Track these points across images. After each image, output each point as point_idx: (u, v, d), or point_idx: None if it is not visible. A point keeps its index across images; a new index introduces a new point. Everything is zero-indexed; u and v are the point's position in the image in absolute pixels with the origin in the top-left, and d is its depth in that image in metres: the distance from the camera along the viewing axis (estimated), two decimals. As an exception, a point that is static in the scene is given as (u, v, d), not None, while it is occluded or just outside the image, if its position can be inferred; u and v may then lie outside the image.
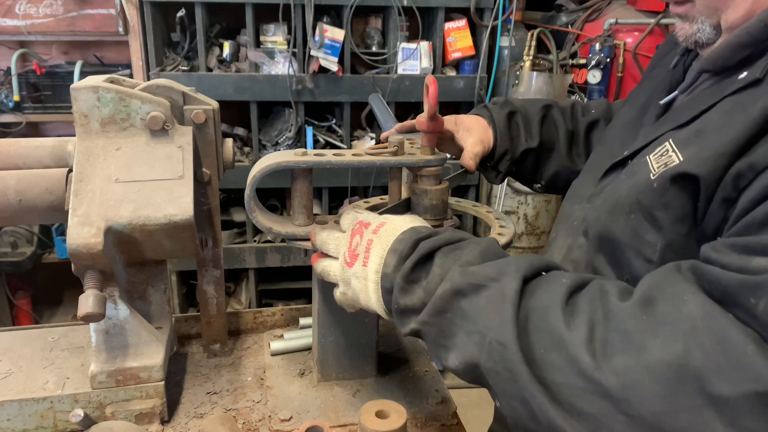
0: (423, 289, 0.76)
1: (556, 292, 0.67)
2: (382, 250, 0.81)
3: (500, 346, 0.66)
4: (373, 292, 0.82)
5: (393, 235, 0.82)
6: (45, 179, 1.01)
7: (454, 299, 0.72)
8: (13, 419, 1.00)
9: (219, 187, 1.14)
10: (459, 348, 0.72)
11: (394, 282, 0.78)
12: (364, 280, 0.83)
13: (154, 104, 1.01)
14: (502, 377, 0.67)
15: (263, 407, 1.10)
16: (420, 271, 0.77)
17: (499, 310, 0.68)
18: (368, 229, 0.85)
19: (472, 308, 0.71)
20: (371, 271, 0.81)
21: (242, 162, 3.08)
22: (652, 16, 3.15)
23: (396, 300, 0.78)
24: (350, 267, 0.85)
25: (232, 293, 3.53)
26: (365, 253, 0.83)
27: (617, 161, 0.92)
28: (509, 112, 1.23)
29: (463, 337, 0.71)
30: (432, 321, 0.74)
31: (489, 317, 0.69)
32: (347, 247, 0.86)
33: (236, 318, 1.34)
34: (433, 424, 1.08)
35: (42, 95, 3.08)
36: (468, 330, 0.70)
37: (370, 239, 0.83)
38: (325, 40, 2.88)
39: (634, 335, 0.60)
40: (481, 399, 3.22)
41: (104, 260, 0.94)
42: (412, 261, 0.77)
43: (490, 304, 0.69)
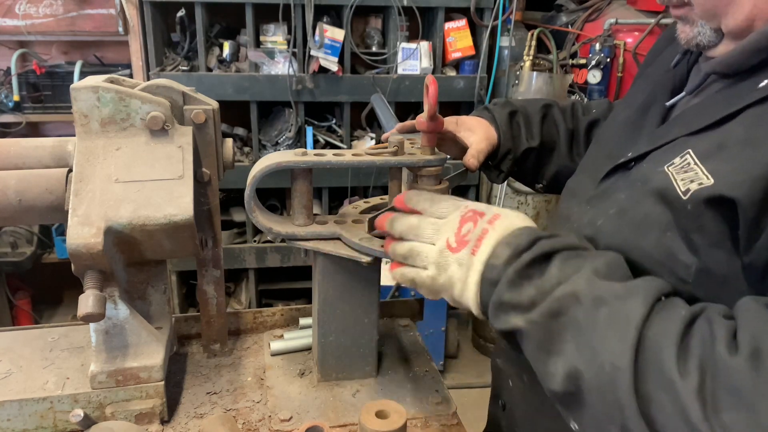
0: (536, 288, 0.73)
1: (673, 327, 0.64)
2: (495, 242, 0.78)
3: (613, 370, 0.63)
4: (474, 283, 0.78)
5: (509, 229, 0.79)
6: (45, 179, 1.01)
7: (572, 306, 0.69)
8: (13, 419, 1.00)
9: (219, 187, 1.14)
10: (566, 356, 0.69)
11: (503, 274, 0.75)
12: (467, 268, 0.79)
13: (154, 104, 1.01)
14: (606, 400, 0.64)
15: (263, 407, 1.10)
16: (535, 269, 0.74)
17: (620, 332, 0.64)
18: (483, 218, 0.81)
19: (588, 322, 0.67)
20: (479, 260, 0.78)
21: (242, 162, 3.08)
22: (652, 16, 3.15)
23: (500, 293, 0.75)
24: (454, 252, 0.81)
25: (232, 293, 3.53)
26: (477, 242, 0.79)
27: (620, 163, 0.89)
28: (510, 112, 1.22)
29: (572, 348, 0.68)
30: (542, 322, 0.71)
31: (607, 337, 0.65)
32: (454, 232, 0.82)
33: (236, 318, 1.34)
34: (433, 424, 1.08)
35: (42, 95, 3.08)
36: (579, 343, 0.68)
37: (486, 228, 0.80)
38: (325, 40, 2.88)
39: (744, 393, 0.58)
40: (481, 399, 3.22)
41: (104, 260, 0.94)
42: (529, 256, 0.74)
43: (612, 323, 0.66)
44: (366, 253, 1.00)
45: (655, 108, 0.93)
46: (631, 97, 1.05)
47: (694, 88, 0.87)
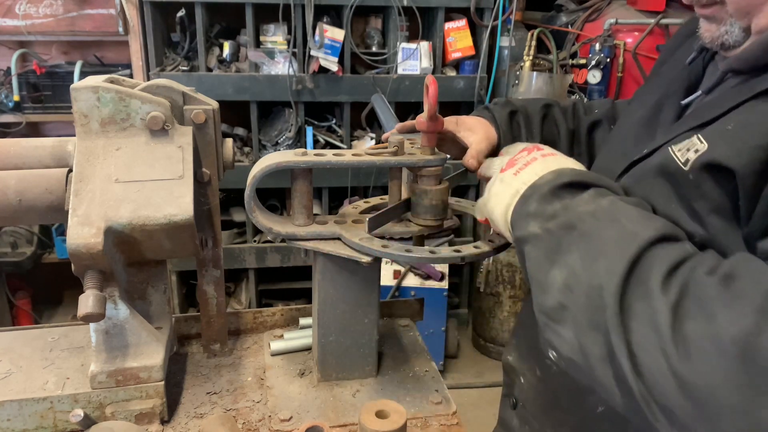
0: (562, 204, 0.76)
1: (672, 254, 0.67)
2: (540, 169, 0.82)
3: (607, 274, 0.67)
4: (508, 197, 0.82)
5: (560, 163, 0.83)
6: (45, 179, 1.01)
7: (588, 220, 0.72)
8: (13, 419, 1.00)
9: (219, 187, 1.14)
10: (567, 265, 0.72)
11: (538, 190, 0.78)
12: (506, 185, 0.83)
13: (154, 104, 1.01)
14: (594, 303, 0.68)
15: (263, 407, 1.10)
16: (568, 191, 0.77)
17: (624, 247, 0.68)
18: (539, 151, 0.86)
19: (598, 235, 0.71)
20: (519, 180, 0.82)
21: (242, 162, 3.08)
22: (652, 16, 3.15)
23: (529, 204, 0.78)
24: (501, 172, 0.86)
25: (232, 293, 3.53)
26: (523, 165, 0.83)
27: (636, 159, 0.90)
28: (511, 111, 1.22)
29: (576, 256, 0.71)
30: (556, 231, 0.74)
31: (611, 247, 0.69)
32: (511, 157, 0.88)
33: (236, 318, 1.34)
34: (433, 424, 1.08)
35: (42, 95, 3.08)
36: (585, 252, 0.71)
37: (535, 157, 0.84)
38: (325, 40, 2.88)
39: (707, 304, 0.61)
40: (480, 399, 3.22)
41: (104, 260, 0.94)
42: (567, 179, 0.77)
43: (619, 237, 0.69)
44: (366, 253, 1.00)
45: (669, 105, 0.94)
46: (645, 96, 1.05)
47: (710, 87, 0.87)
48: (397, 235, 1.09)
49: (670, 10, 3.21)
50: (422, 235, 1.11)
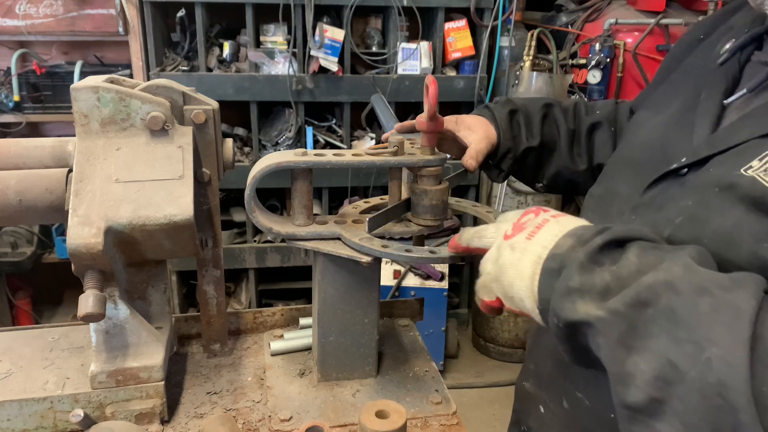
0: (610, 273, 0.63)
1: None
2: (558, 230, 0.69)
3: (725, 366, 0.54)
4: (530, 265, 0.69)
5: (574, 223, 0.71)
6: (45, 179, 1.01)
7: (665, 294, 0.59)
8: (13, 419, 1.00)
9: (219, 187, 1.14)
10: (654, 353, 0.58)
11: (569, 259, 0.65)
12: (521, 252, 0.70)
13: (154, 104, 1.01)
14: (711, 403, 0.54)
15: (263, 407, 1.10)
16: (607, 255, 0.65)
17: (730, 324, 0.55)
18: (547, 212, 0.74)
19: (688, 312, 0.57)
20: (537, 244, 0.69)
21: (242, 162, 3.08)
22: (652, 16, 3.16)
23: (568, 278, 0.65)
24: (508, 239, 0.73)
25: (232, 293, 3.53)
26: (535, 228, 0.71)
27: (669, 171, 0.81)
28: (511, 110, 1.21)
29: (665, 342, 0.58)
30: (625, 312, 0.60)
31: (714, 329, 0.56)
32: (513, 222, 0.75)
33: (236, 318, 1.34)
34: (433, 424, 1.08)
35: (42, 95, 3.09)
36: (677, 336, 0.57)
37: (547, 219, 0.72)
38: (325, 40, 2.88)
39: None
40: (481, 399, 3.22)
41: (104, 260, 0.94)
42: (600, 240, 0.65)
43: (718, 314, 0.56)
44: (366, 253, 1.00)
45: (705, 107, 0.85)
46: (667, 99, 0.98)
47: (757, 85, 0.79)
48: (397, 235, 1.09)
49: (670, 10, 3.21)
50: (422, 235, 1.11)
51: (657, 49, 3.11)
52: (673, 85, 1.01)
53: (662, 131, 0.91)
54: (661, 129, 0.92)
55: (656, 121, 0.95)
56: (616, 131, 1.22)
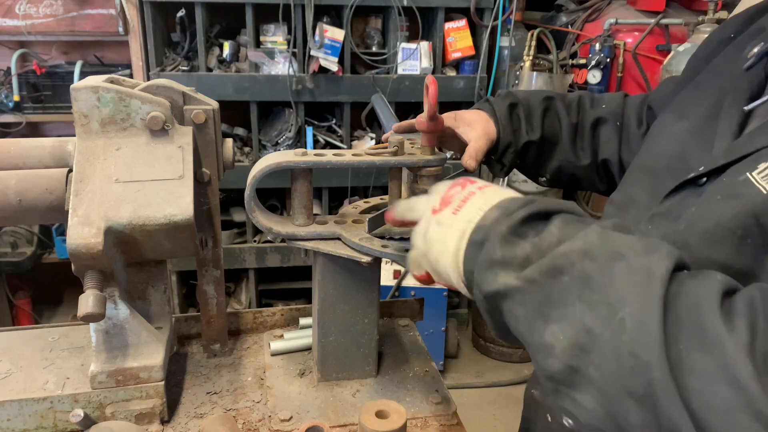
0: (531, 244, 0.64)
1: (710, 287, 0.55)
2: (483, 203, 0.70)
3: (638, 325, 0.54)
4: (455, 240, 0.69)
5: (500, 195, 0.71)
6: (45, 179, 1.01)
7: (580, 261, 0.59)
8: (13, 419, 1.00)
9: (219, 187, 1.14)
10: (570, 320, 0.58)
11: (492, 232, 0.66)
12: (447, 227, 0.70)
13: (154, 104, 1.01)
14: (625, 363, 0.54)
15: (263, 407, 1.10)
16: (531, 227, 0.65)
17: (643, 286, 0.55)
18: (473, 184, 0.74)
19: (603, 276, 0.57)
20: (461, 219, 0.69)
21: (242, 162, 3.08)
22: (652, 16, 3.16)
23: (490, 251, 0.65)
24: (435, 214, 0.73)
25: (232, 293, 3.53)
26: (461, 202, 0.71)
27: (687, 180, 0.80)
28: (510, 104, 1.20)
29: (580, 308, 0.58)
30: (541, 281, 0.61)
31: (627, 291, 0.56)
32: (441, 196, 0.75)
33: (236, 318, 1.34)
34: (433, 424, 1.08)
35: (42, 95, 3.08)
36: (591, 300, 0.57)
37: (473, 192, 0.72)
38: (325, 40, 2.88)
39: None
40: (481, 399, 3.22)
41: (104, 260, 0.94)
42: (524, 212, 0.65)
43: (631, 277, 0.56)
44: (366, 253, 1.00)
45: (728, 115, 0.83)
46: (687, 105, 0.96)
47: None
48: (397, 235, 1.09)
49: (670, 10, 3.21)
50: (422, 235, 1.11)
51: (657, 49, 3.11)
52: (699, 88, 0.97)
53: (684, 139, 0.90)
54: (683, 137, 0.90)
55: (679, 128, 0.93)
56: (622, 126, 1.20)
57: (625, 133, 1.20)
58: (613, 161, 1.20)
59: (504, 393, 3.24)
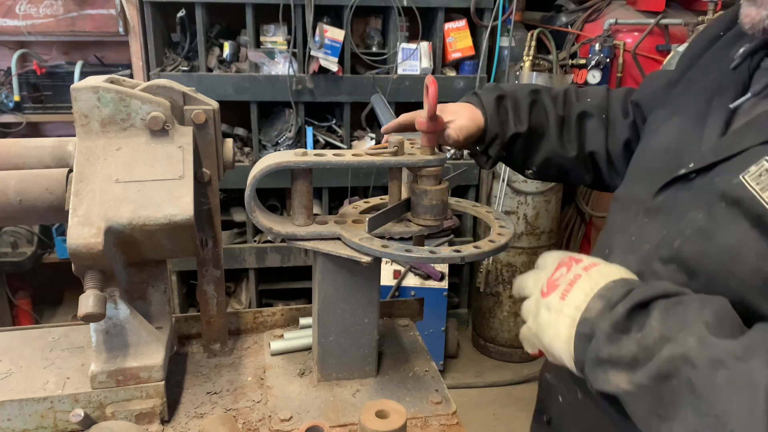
0: (635, 342, 0.68)
1: None
2: (588, 289, 0.74)
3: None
4: (566, 328, 0.74)
5: (604, 278, 0.75)
6: (45, 179, 1.01)
7: (683, 367, 0.63)
8: (13, 419, 1.00)
9: (219, 187, 1.14)
10: (684, 422, 0.63)
11: (598, 327, 0.70)
12: (557, 313, 0.75)
13: (154, 104, 1.01)
14: None
15: (263, 407, 1.10)
16: (632, 322, 0.69)
17: (745, 397, 0.59)
18: (578, 264, 0.78)
19: (706, 386, 0.61)
20: (569, 305, 0.74)
21: (242, 162, 3.08)
22: (652, 17, 3.16)
23: (598, 348, 0.70)
24: (544, 297, 0.78)
25: (232, 293, 3.53)
26: (567, 286, 0.76)
27: (678, 176, 0.84)
28: (498, 96, 1.20)
29: (691, 414, 0.63)
30: (651, 386, 0.66)
31: (731, 403, 0.60)
32: (548, 277, 0.80)
33: (236, 318, 1.34)
34: (433, 424, 1.08)
35: (42, 95, 3.09)
36: (699, 410, 0.62)
37: (578, 274, 0.76)
38: (325, 41, 2.88)
39: None
40: (481, 399, 3.22)
41: (104, 260, 0.94)
42: (624, 308, 0.70)
43: (734, 387, 0.60)
44: (366, 253, 1.00)
45: (715, 113, 0.87)
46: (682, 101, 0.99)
47: (761, 89, 0.82)
48: (397, 235, 1.09)
49: (669, 10, 3.21)
50: (422, 235, 1.11)
51: (657, 49, 3.12)
52: (690, 85, 1.01)
53: (677, 136, 0.93)
54: (676, 133, 0.94)
55: (673, 124, 0.96)
56: (608, 118, 1.21)
57: (611, 124, 1.21)
58: (600, 153, 1.21)
59: (504, 393, 3.24)
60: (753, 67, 0.87)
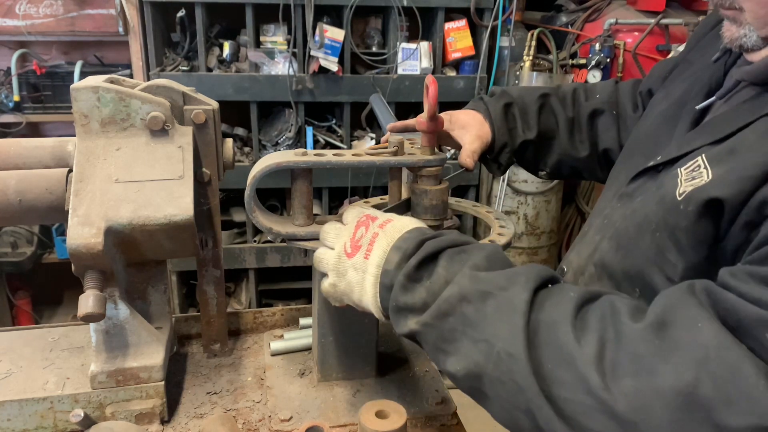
0: (425, 289, 0.75)
1: (565, 307, 0.67)
2: (386, 244, 0.80)
3: (509, 357, 0.66)
4: (371, 286, 0.80)
5: (399, 231, 0.81)
6: (45, 179, 1.01)
7: (459, 304, 0.71)
8: (13, 419, 1.00)
9: (219, 187, 1.14)
10: (461, 354, 0.71)
11: (395, 279, 0.77)
12: (363, 272, 0.81)
13: (154, 104, 1.01)
14: (508, 388, 0.67)
15: (263, 407, 1.10)
16: (423, 270, 0.76)
17: (508, 320, 0.67)
18: (374, 222, 0.84)
19: (478, 315, 0.70)
20: (372, 264, 0.80)
21: (242, 162, 3.08)
22: (652, 16, 3.16)
23: (395, 298, 0.77)
24: (350, 257, 0.83)
25: (232, 293, 3.53)
26: (369, 246, 0.81)
27: (648, 167, 0.90)
28: (506, 104, 1.21)
29: (467, 344, 0.71)
30: (434, 323, 0.73)
31: (497, 326, 0.68)
32: (350, 237, 0.85)
33: (236, 318, 1.34)
34: (433, 424, 1.08)
35: (42, 95, 3.08)
36: (474, 337, 0.70)
37: (376, 233, 0.82)
38: (325, 40, 2.88)
39: (645, 359, 0.60)
40: (481, 399, 3.22)
41: (104, 260, 0.94)
42: (416, 259, 0.76)
43: (499, 313, 0.69)
44: None
45: (688, 109, 0.92)
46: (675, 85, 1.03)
47: (725, 93, 0.86)
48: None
49: (669, 10, 3.21)
50: (422, 235, 1.11)
51: (657, 49, 3.11)
52: (685, 68, 1.04)
53: (659, 123, 0.98)
54: (659, 120, 0.98)
55: (659, 110, 1.00)
56: (618, 114, 1.22)
57: (622, 120, 1.22)
58: (614, 149, 1.22)
59: (504, 393, 3.23)
60: (729, 64, 0.91)
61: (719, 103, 0.87)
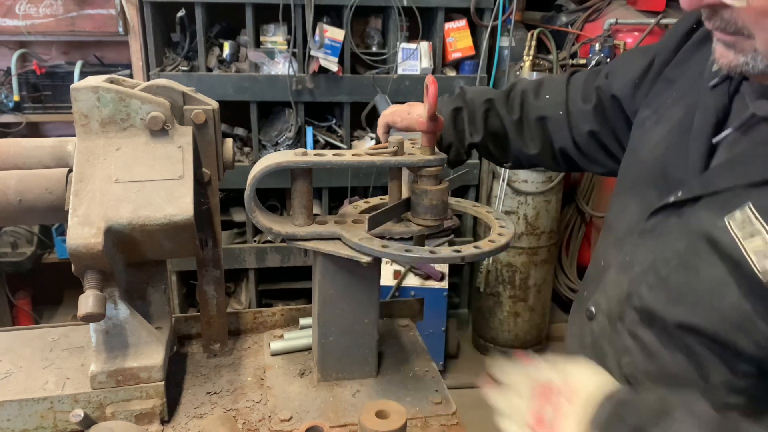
0: None
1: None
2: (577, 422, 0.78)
3: None
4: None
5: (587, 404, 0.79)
6: (45, 179, 1.01)
7: None
8: (13, 419, 1.00)
9: (219, 187, 1.14)
10: None
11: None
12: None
13: (154, 104, 1.01)
14: None
15: (263, 407, 1.10)
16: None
17: None
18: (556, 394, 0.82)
19: None
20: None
21: (242, 162, 3.08)
22: (652, 16, 3.16)
23: None
24: None
25: (232, 293, 3.53)
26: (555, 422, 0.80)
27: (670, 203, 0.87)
28: (455, 108, 1.25)
29: None
30: None
31: None
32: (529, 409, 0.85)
33: (236, 318, 1.34)
34: (433, 424, 1.08)
35: (42, 95, 3.08)
36: None
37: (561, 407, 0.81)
38: (325, 40, 2.88)
39: None
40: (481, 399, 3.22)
41: (104, 260, 0.94)
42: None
43: None
44: (366, 253, 1.00)
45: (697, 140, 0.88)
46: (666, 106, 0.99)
47: (741, 125, 0.83)
48: (397, 235, 1.09)
49: (669, 10, 3.21)
50: (422, 235, 1.11)
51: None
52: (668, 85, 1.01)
53: (664, 149, 0.95)
54: (663, 147, 0.96)
55: (659, 134, 0.98)
56: (568, 112, 1.22)
57: (572, 116, 1.22)
58: (569, 146, 1.23)
59: (504, 393, 3.24)
60: (732, 91, 0.87)
61: (736, 134, 0.84)
